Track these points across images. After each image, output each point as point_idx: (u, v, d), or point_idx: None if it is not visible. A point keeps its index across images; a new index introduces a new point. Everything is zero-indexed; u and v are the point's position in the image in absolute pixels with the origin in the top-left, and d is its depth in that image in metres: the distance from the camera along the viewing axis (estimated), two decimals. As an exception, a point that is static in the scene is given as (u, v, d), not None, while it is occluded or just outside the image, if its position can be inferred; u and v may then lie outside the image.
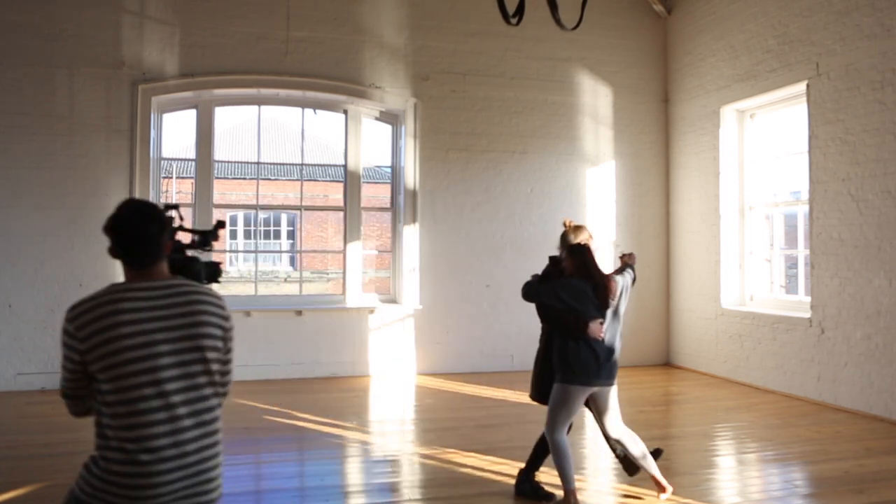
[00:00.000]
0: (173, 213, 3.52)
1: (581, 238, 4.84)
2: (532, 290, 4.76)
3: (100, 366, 2.36)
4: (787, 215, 9.30)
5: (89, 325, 2.37)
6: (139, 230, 2.49)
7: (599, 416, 4.83)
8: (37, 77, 8.34)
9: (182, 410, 2.43)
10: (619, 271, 5.06)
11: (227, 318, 2.60)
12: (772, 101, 8.84)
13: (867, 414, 7.13)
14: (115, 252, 2.51)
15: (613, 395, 4.80)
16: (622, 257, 5.27)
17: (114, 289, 2.47)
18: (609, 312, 4.74)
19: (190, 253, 3.58)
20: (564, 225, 4.97)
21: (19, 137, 8.26)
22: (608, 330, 4.70)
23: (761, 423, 7.05)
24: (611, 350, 4.71)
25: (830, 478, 5.36)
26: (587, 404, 4.84)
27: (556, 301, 4.62)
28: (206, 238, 3.72)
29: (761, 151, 9.27)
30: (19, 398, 7.84)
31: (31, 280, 8.27)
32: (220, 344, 2.56)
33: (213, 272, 3.68)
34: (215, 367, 2.54)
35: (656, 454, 5.05)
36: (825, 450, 6.07)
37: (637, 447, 4.82)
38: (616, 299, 4.76)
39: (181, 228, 3.66)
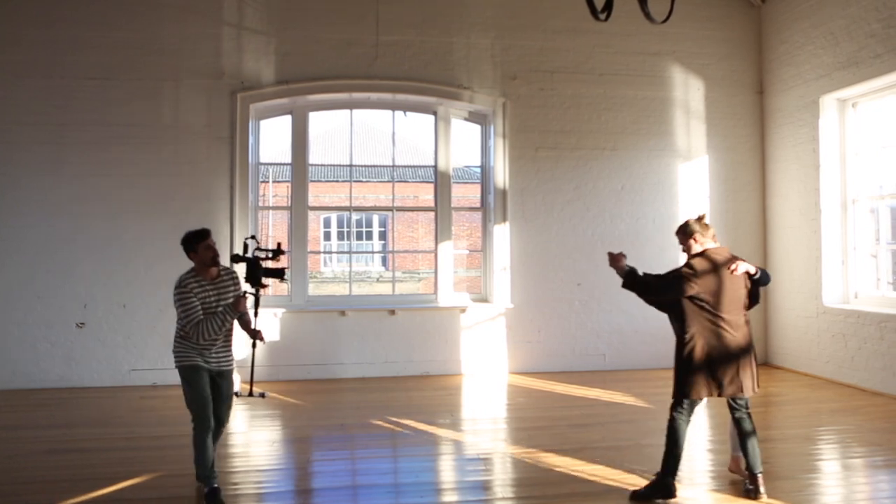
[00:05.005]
0: (250, 241, 5.81)
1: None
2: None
3: None
4: (893, 208, 8.85)
5: None
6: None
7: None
8: (145, 90, 8.82)
9: None
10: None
11: (174, 289, 4.98)
12: (876, 89, 8.43)
13: None
14: None
15: None
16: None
17: None
18: None
19: (264, 264, 5.71)
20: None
21: (131, 147, 8.76)
22: None
23: (868, 427, 6.75)
24: None
25: (944, 484, 5.10)
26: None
27: None
28: (275, 255, 5.58)
29: (865, 142, 8.85)
30: (132, 392, 8.31)
31: (141, 281, 8.75)
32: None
33: (276, 273, 5.60)
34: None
35: None
36: (939, 455, 5.77)
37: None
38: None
39: (258, 248, 5.65)
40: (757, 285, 4.97)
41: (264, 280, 5.62)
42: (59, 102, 8.66)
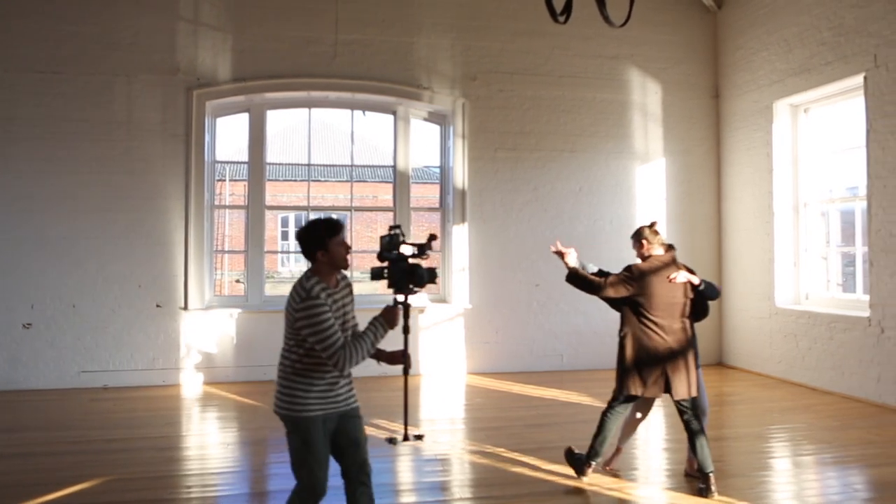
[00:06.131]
0: (397, 231, 4.33)
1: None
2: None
3: None
4: (843, 212, 9.06)
5: None
6: (297, 237, 3.65)
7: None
8: (97, 85, 8.62)
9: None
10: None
11: (296, 302, 3.54)
12: (827, 95, 8.63)
13: (930, 416, 6.92)
14: None
15: None
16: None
17: None
18: None
19: (412, 261, 4.39)
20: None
21: (81, 144, 8.54)
22: None
23: (818, 425, 6.90)
24: None
25: (892, 482, 5.22)
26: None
27: None
28: (423, 249, 4.36)
29: (816, 147, 9.06)
30: (82, 395, 8.11)
31: (93, 281, 8.55)
32: (289, 315, 3.60)
33: (432, 275, 4.44)
34: (288, 326, 3.64)
35: None
36: (886, 453, 5.91)
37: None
38: None
39: (404, 242, 4.41)
40: (702, 297, 5.09)
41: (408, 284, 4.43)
42: (5, 96, 8.41)
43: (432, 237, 4.42)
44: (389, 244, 4.35)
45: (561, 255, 5.15)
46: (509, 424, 6.90)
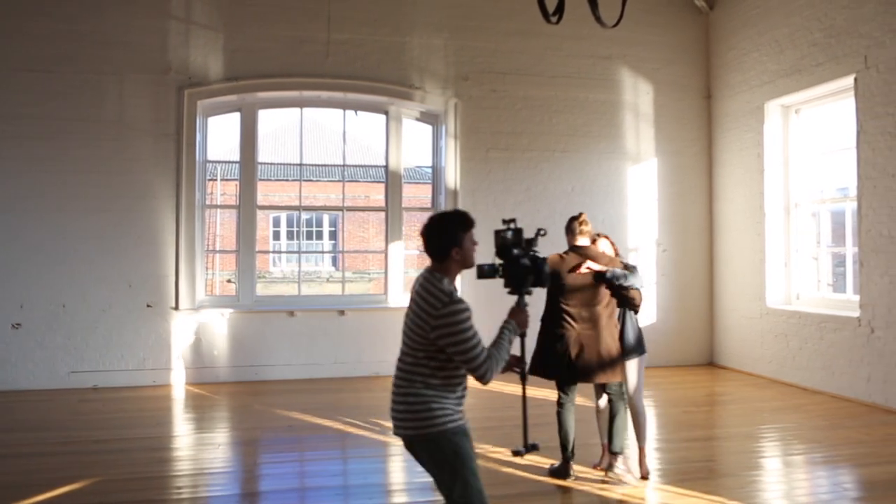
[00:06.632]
0: (513, 225, 3.88)
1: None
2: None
3: None
4: (833, 212, 9.10)
5: None
6: (425, 233, 3.25)
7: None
8: (88, 84, 8.57)
9: (399, 362, 3.22)
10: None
11: (435, 308, 3.07)
12: (818, 96, 8.66)
13: (919, 415, 6.96)
14: None
15: None
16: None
17: (423, 269, 3.30)
18: None
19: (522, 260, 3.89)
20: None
21: (72, 143, 8.50)
22: None
23: (808, 425, 6.92)
24: None
25: (881, 481, 5.24)
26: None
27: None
28: (530, 243, 3.97)
29: (807, 147, 9.09)
30: (72, 395, 8.07)
31: (83, 281, 8.50)
32: (422, 324, 3.10)
33: (536, 272, 3.94)
34: (417, 336, 3.13)
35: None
36: (875, 452, 5.94)
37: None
38: None
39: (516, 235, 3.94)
40: (611, 287, 5.12)
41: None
42: (-4, 95, 8.37)
43: (541, 232, 4.03)
44: (515, 240, 3.92)
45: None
46: (501, 424, 6.89)
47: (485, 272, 3.80)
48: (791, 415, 7.35)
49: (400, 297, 9.55)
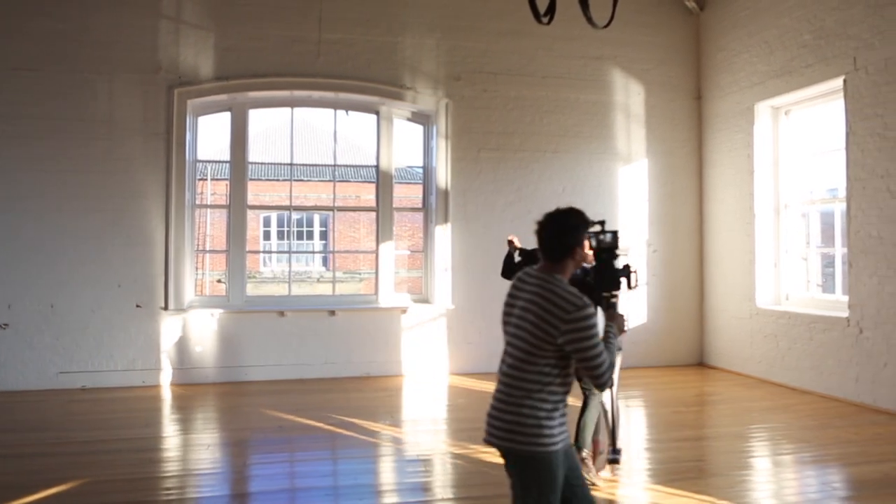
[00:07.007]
0: (598, 227, 3.75)
1: None
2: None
3: None
4: (823, 213, 9.15)
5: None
6: (541, 231, 3.07)
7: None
8: (78, 83, 8.52)
9: (503, 368, 3.04)
10: None
11: (566, 312, 2.87)
12: (807, 98, 8.70)
13: (907, 415, 7.00)
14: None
15: None
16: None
17: (525, 271, 3.13)
18: None
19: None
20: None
21: (62, 142, 8.45)
22: None
23: (798, 425, 6.95)
24: None
25: (870, 480, 5.27)
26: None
27: None
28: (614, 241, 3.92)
29: (797, 148, 9.13)
30: (61, 396, 8.02)
31: (72, 281, 8.45)
32: (550, 329, 2.88)
33: (627, 275, 3.95)
34: (540, 342, 2.91)
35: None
36: (864, 452, 5.97)
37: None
38: None
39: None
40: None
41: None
42: (-16, 94, 8.31)
43: (600, 226, 3.92)
44: (613, 243, 3.86)
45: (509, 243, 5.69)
46: (492, 425, 6.89)
47: (576, 277, 3.58)
48: (780, 415, 7.38)
49: (391, 298, 9.54)
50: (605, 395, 5.22)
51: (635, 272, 4.13)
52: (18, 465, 5.60)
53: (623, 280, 3.84)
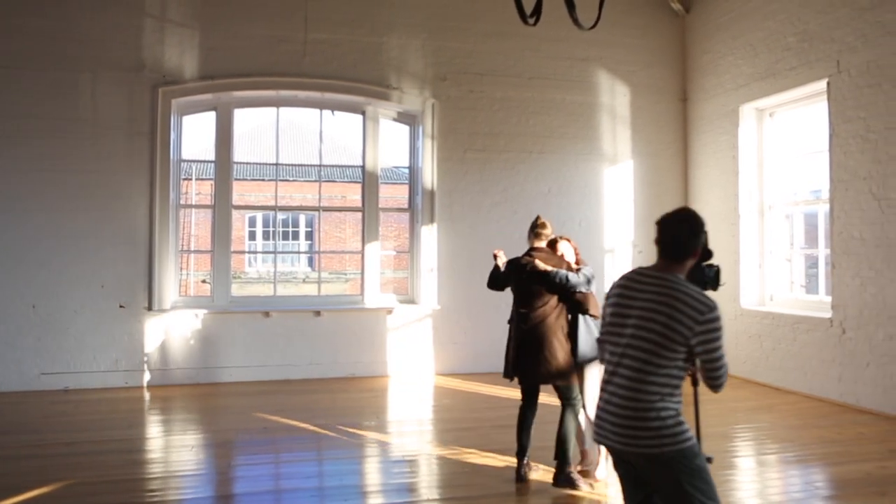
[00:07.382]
0: (716, 265, 3.76)
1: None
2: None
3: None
4: (807, 214, 9.22)
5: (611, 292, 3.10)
6: (667, 229, 3.02)
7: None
8: (60, 81, 8.44)
9: (620, 371, 2.94)
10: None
11: (700, 314, 2.89)
12: (791, 100, 8.77)
13: (890, 415, 7.05)
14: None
15: None
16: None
17: (636, 270, 3.08)
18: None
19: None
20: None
21: (44, 141, 8.36)
22: None
23: (781, 424, 7.00)
24: None
25: (852, 480, 5.31)
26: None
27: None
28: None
29: (781, 150, 9.19)
30: (42, 398, 7.94)
31: (55, 281, 8.37)
32: (683, 330, 2.86)
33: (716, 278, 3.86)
34: (671, 343, 2.86)
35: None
36: (847, 451, 6.01)
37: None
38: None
39: None
40: (552, 288, 5.17)
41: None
42: (-34, 92, 8.22)
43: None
44: (716, 280, 3.84)
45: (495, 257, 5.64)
46: (477, 425, 6.90)
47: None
48: (764, 414, 7.42)
49: (377, 298, 9.52)
50: (581, 413, 5.22)
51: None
52: (1, 468, 5.53)
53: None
